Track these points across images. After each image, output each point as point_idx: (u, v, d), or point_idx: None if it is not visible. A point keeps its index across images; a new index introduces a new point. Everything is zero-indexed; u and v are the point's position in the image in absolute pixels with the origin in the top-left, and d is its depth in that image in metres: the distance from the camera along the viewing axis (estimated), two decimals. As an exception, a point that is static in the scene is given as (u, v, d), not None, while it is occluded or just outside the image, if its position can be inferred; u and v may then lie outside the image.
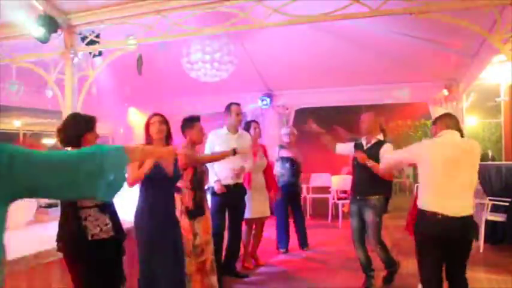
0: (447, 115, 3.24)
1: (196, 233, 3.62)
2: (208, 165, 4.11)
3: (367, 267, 4.34)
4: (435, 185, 2.95)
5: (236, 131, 4.60)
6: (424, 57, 6.07)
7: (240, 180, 4.53)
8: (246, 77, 7.16)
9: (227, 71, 5.58)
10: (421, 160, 3.06)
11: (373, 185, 4.09)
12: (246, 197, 4.72)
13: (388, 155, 3.72)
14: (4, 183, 0.99)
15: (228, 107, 4.57)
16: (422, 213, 2.96)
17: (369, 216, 4.10)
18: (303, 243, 5.92)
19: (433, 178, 2.96)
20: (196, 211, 3.65)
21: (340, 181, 7.96)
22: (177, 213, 3.43)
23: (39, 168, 1.06)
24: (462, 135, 3.09)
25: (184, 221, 3.51)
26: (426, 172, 3.01)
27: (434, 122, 3.23)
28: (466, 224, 2.90)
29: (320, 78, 7.22)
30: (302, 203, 8.43)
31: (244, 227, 4.94)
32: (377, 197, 4.12)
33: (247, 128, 5.04)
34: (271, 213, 5.42)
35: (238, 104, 4.59)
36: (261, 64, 7.03)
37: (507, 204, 5.57)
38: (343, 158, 7.86)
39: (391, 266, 4.30)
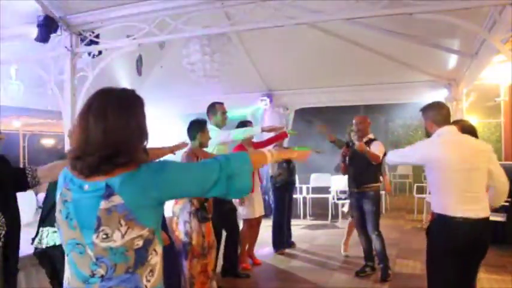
0: (440, 106, 2.95)
1: (203, 235, 3.63)
2: None
3: (368, 255, 4.65)
4: (457, 188, 2.67)
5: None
6: (424, 57, 6.07)
7: None
8: (246, 77, 7.15)
9: (226, 72, 5.57)
10: (433, 161, 2.76)
11: (368, 177, 4.55)
12: (247, 198, 4.72)
13: (396, 154, 3.15)
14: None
15: (213, 106, 4.51)
16: (445, 218, 2.65)
17: (367, 206, 4.57)
18: (290, 242, 6.00)
19: (453, 181, 2.68)
20: (207, 214, 3.65)
21: (340, 181, 7.96)
22: (186, 215, 3.46)
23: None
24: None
25: (194, 223, 3.53)
26: (443, 174, 2.71)
27: (427, 115, 2.93)
28: (488, 226, 2.72)
29: (320, 78, 7.21)
30: (302, 203, 8.46)
31: (243, 228, 4.95)
32: (373, 186, 4.55)
33: (241, 127, 5.02)
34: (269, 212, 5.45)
35: (222, 103, 4.57)
36: (261, 64, 7.02)
37: (507, 204, 5.56)
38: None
39: (383, 260, 4.50)
